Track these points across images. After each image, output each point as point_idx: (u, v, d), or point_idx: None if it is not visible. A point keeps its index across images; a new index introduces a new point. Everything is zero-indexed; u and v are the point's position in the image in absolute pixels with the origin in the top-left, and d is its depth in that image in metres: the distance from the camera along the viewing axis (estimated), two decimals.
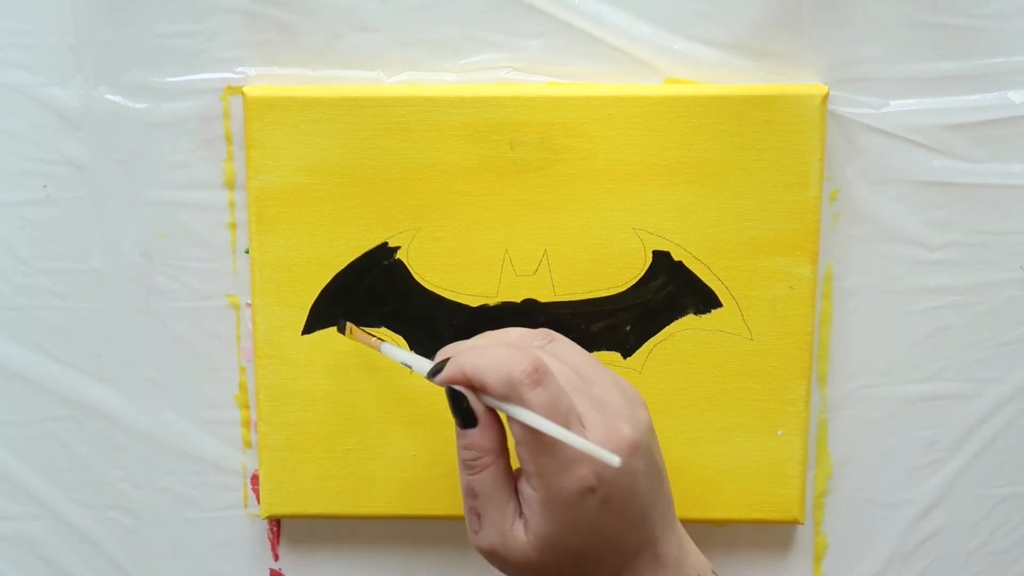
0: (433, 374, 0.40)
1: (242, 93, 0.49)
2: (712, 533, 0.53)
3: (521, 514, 0.39)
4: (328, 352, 0.50)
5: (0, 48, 0.50)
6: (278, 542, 0.54)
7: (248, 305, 0.52)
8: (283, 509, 0.52)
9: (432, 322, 0.50)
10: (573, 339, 0.49)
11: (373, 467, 0.51)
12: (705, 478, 0.51)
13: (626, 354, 0.50)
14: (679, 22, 0.49)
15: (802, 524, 0.52)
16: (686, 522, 0.52)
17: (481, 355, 0.38)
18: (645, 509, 0.40)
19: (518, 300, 0.50)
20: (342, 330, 0.48)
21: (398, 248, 0.49)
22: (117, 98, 0.50)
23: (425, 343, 0.50)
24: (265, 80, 0.50)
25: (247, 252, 0.51)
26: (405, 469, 0.51)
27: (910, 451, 0.52)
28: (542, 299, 0.50)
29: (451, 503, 0.51)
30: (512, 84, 0.50)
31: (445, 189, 0.49)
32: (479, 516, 0.40)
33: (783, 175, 0.48)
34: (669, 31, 0.49)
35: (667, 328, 0.50)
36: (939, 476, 0.53)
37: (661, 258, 0.49)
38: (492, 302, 0.50)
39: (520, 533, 0.39)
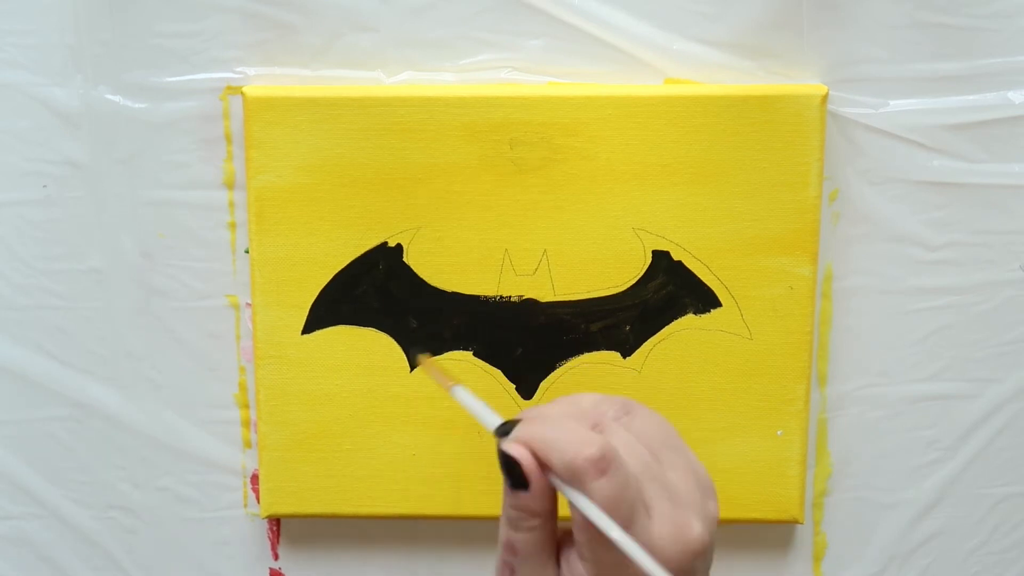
0: (502, 434, 0.37)
1: (242, 93, 0.49)
2: None
3: None
4: (328, 352, 0.50)
5: (0, 48, 0.50)
6: (278, 542, 0.54)
7: (248, 305, 0.52)
8: (283, 509, 0.52)
9: (432, 320, 0.50)
10: (573, 339, 0.49)
11: (373, 467, 0.51)
12: None
13: (626, 354, 0.50)
14: (679, 22, 0.49)
15: (802, 524, 0.52)
16: None
17: (550, 429, 0.35)
18: None
19: (518, 300, 0.50)
20: (415, 363, 0.47)
21: (398, 248, 0.49)
22: (117, 98, 0.50)
23: (425, 342, 0.50)
24: (265, 80, 0.50)
25: (247, 252, 0.51)
26: (405, 469, 0.51)
27: (910, 451, 0.52)
28: (542, 299, 0.50)
29: (451, 503, 0.51)
30: (512, 84, 0.50)
31: (445, 189, 0.49)
32: (512, 572, 0.37)
33: (783, 175, 0.48)
34: (669, 31, 0.49)
35: (667, 328, 0.50)
36: (939, 476, 0.53)
37: (661, 258, 0.49)
38: (492, 301, 0.50)
39: None
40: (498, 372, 0.50)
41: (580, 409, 0.38)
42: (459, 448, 0.51)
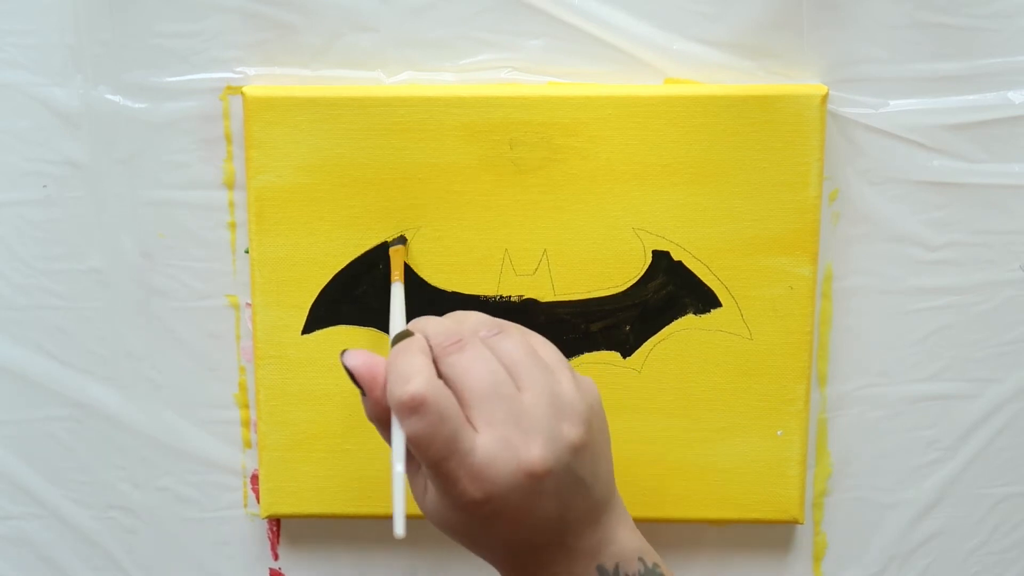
0: (395, 341, 0.40)
1: (242, 93, 0.49)
2: (712, 533, 0.53)
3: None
4: (328, 352, 0.50)
5: (0, 48, 0.50)
6: (278, 542, 0.54)
7: (248, 305, 0.52)
8: (283, 509, 0.52)
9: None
10: (573, 339, 0.49)
11: (373, 467, 0.51)
12: (705, 478, 0.51)
13: (625, 354, 0.50)
14: (679, 22, 0.49)
15: (802, 524, 0.52)
16: (686, 522, 0.52)
17: (398, 358, 0.38)
18: (549, 521, 0.39)
19: (518, 300, 0.50)
20: (395, 244, 0.49)
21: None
22: (117, 98, 0.50)
23: None
24: (265, 80, 0.50)
25: (247, 252, 0.51)
26: None
27: (910, 451, 0.52)
28: (542, 299, 0.50)
29: None
30: (512, 84, 0.50)
31: (445, 189, 0.49)
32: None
33: (783, 175, 0.48)
34: (669, 31, 0.49)
35: (667, 328, 0.50)
36: (939, 476, 0.53)
37: (661, 258, 0.49)
38: (492, 301, 0.50)
39: (420, 490, 0.41)
40: None
41: (458, 326, 0.40)
42: None
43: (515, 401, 0.38)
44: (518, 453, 0.37)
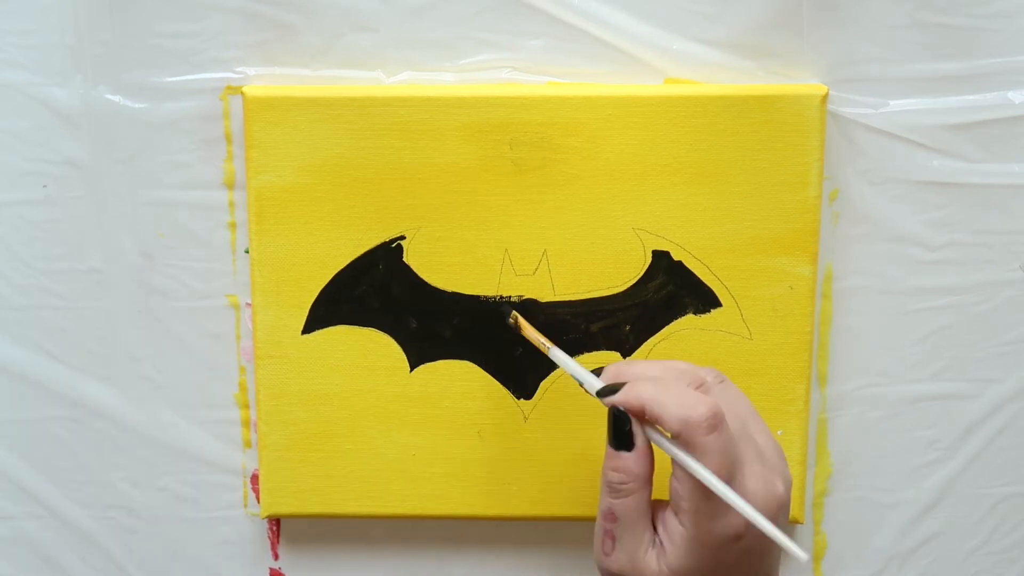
0: (604, 394, 0.40)
1: (242, 93, 0.49)
2: None
3: (655, 543, 0.39)
4: (328, 352, 0.50)
5: (0, 48, 0.50)
6: (278, 542, 0.54)
7: (248, 305, 0.52)
8: (283, 509, 0.52)
9: (432, 320, 0.50)
10: (573, 339, 0.50)
11: (373, 467, 0.51)
12: None
13: (625, 354, 0.50)
14: (679, 22, 0.49)
15: (802, 524, 0.52)
16: None
17: (662, 389, 0.38)
18: (772, 564, 0.40)
19: (518, 300, 0.50)
20: (508, 316, 0.48)
21: (398, 248, 0.49)
22: (117, 98, 0.50)
23: (424, 341, 0.50)
24: (265, 80, 0.50)
25: (247, 252, 0.51)
26: (405, 469, 0.51)
27: (910, 451, 0.52)
28: (542, 299, 0.50)
29: (450, 503, 0.51)
30: (512, 84, 0.50)
31: (445, 189, 0.49)
32: (614, 540, 0.40)
33: (783, 175, 0.48)
34: (669, 31, 0.49)
35: (666, 328, 0.50)
36: (939, 476, 0.53)
37: (660, 258, 0.49)
38: (492, 301, 0.50)
39: (652, 562, 0.39)
40: (498, 374, 0.50)
41: (679, 371, 0.41)
42: (459, 448, 0.51)
43: (755, 442, 0.39)
44: (769, 488, 0.38)
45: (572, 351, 0.50)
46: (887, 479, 0.53)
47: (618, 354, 0.50)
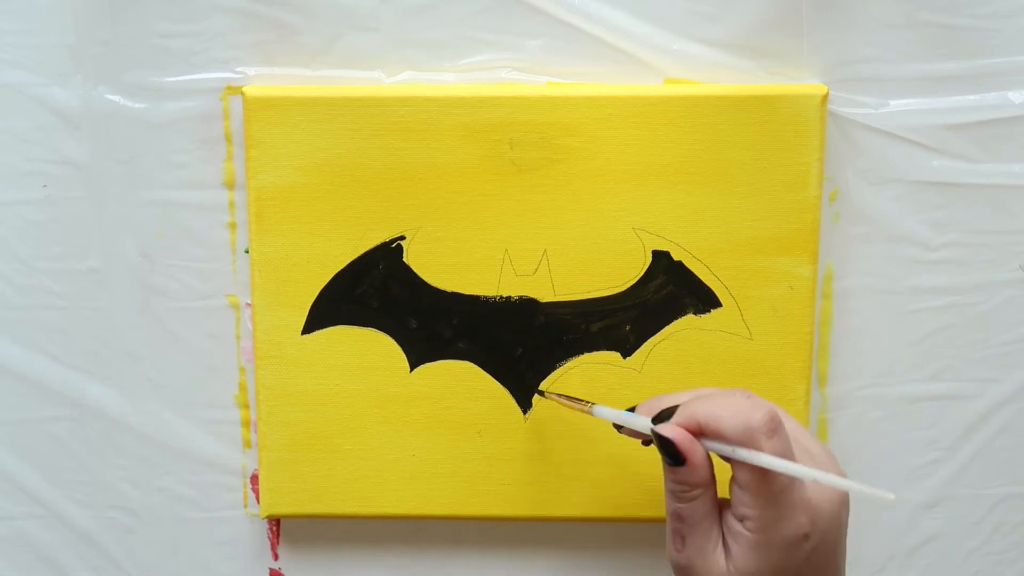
0: (659, 420, 0.40)
1: (242, 93, 0.49)
2: None
3: (723, 542, 0.40)
4: (328, 352, 0.50)
5: (0, 48, 0.50)
6: (278, 542, 0.54)
7: (248, 305, 0.52)
8: (283, 509, 0.52)
9: (432, 320, 0.50)
10: (573, 339, 0.50)
11: (373, 467, 0.51)
12: None
13: (626, 354, 0.50)
14: (679, 22, 0.49)
15: None
16: None
17: (714, 404, 0.39)
18: (840, 562, 0.41)
19: (518, 300, 0.50)
20: (541, 394, 0.49)
21: (398, 248, 0.49)
22: (117, 98, 0.50)
23: (424, 341, 0.50)
24: (265, 80, 0.50)
25: (247, 252, 0.51)
26: (405, 469, 0.51)
27: (910, 451, 0.52)
28: (542, 299, 0.50)
29: (450, 503, 0.51)
30: (512, 84, 0.50)
31: (445, 189, 0.49)
32: (683, 538, 0.40)
33: (783, 175, 0.48)
34: (669, 31, 0.49)
35: (667, 328, 0.50)
36: (939, 476, 0.53)
37: (661, 258, 0.49)
38: (492, 302, 0.50)
39: (721, 560, 0.39)
40: (498, 374, 0.50)
41: (712, 390, 0.42)
42: (459, 448, 0.51)
43: (807, 447, 0.40)
44: (828, 490, 0.39)
45: (572, 351, 0.50)
46: (887, 479, 0.53)
47: (618, 354, 0.50)
